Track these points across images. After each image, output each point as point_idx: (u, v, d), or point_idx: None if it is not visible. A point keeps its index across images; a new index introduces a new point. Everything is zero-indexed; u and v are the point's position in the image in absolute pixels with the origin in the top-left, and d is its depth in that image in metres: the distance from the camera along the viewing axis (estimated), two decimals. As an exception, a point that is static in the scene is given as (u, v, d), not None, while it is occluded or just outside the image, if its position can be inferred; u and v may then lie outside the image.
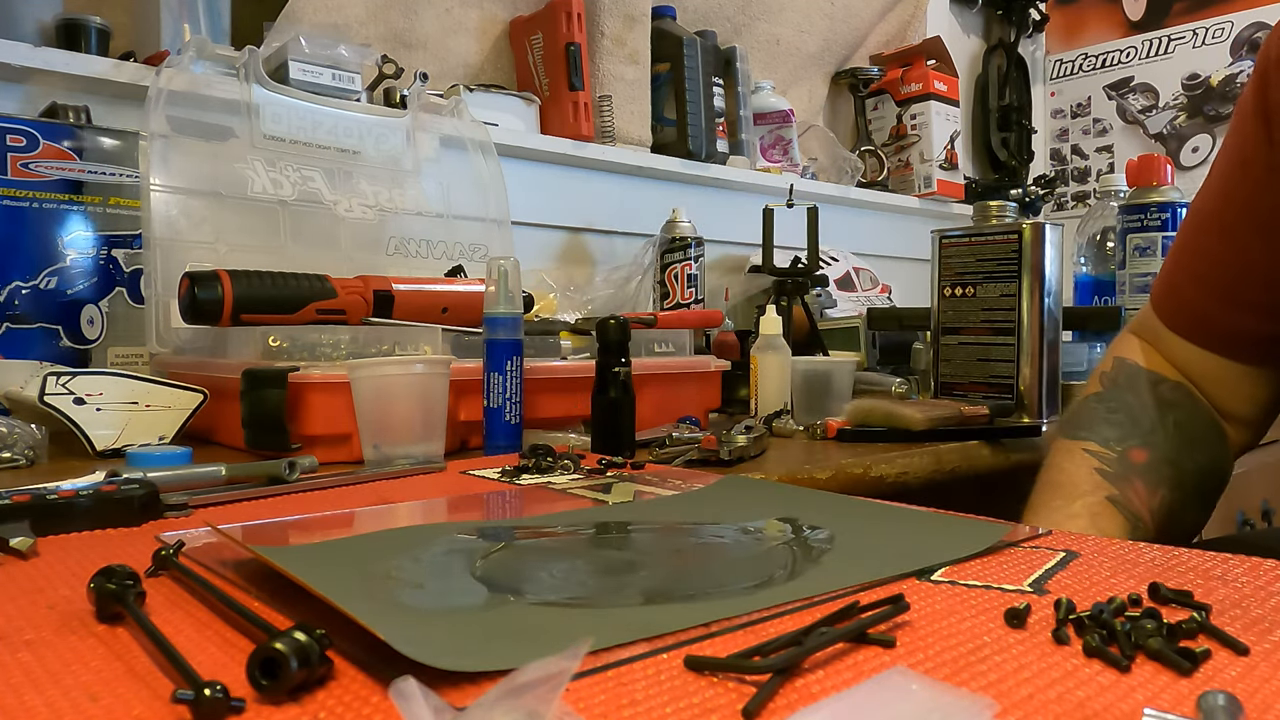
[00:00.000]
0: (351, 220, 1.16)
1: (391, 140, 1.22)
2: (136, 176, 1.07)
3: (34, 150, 1.02)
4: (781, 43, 2.08)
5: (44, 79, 1.15)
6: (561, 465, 0.66)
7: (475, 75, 1.64)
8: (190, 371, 0.89)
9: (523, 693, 0.20)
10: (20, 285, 1.02)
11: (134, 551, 0.41)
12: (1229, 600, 0.32)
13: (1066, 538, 0.42)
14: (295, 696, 0.24)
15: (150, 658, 0.27)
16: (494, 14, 1.66)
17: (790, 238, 1.52)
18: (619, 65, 1.65)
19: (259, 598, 0.33)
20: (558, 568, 0.36)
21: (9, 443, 0.72)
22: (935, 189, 2.18)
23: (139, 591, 0.31)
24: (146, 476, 0.52)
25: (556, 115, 1.60)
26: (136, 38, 1.28)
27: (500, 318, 0.81)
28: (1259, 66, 0.67)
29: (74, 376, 0.77)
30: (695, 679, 0.25)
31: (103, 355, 1.06)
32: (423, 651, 0.25)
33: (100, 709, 0.23)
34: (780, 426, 1.00)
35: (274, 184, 1.10)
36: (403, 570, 0.35)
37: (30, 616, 0.31)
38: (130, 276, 1.08)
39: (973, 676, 0.25)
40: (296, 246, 1.10)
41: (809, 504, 0.49)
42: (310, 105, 1.15)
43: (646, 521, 0.46)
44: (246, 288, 0.84)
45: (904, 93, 2.19)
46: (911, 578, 0.35)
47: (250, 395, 0.74)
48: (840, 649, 0.27)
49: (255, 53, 1.10)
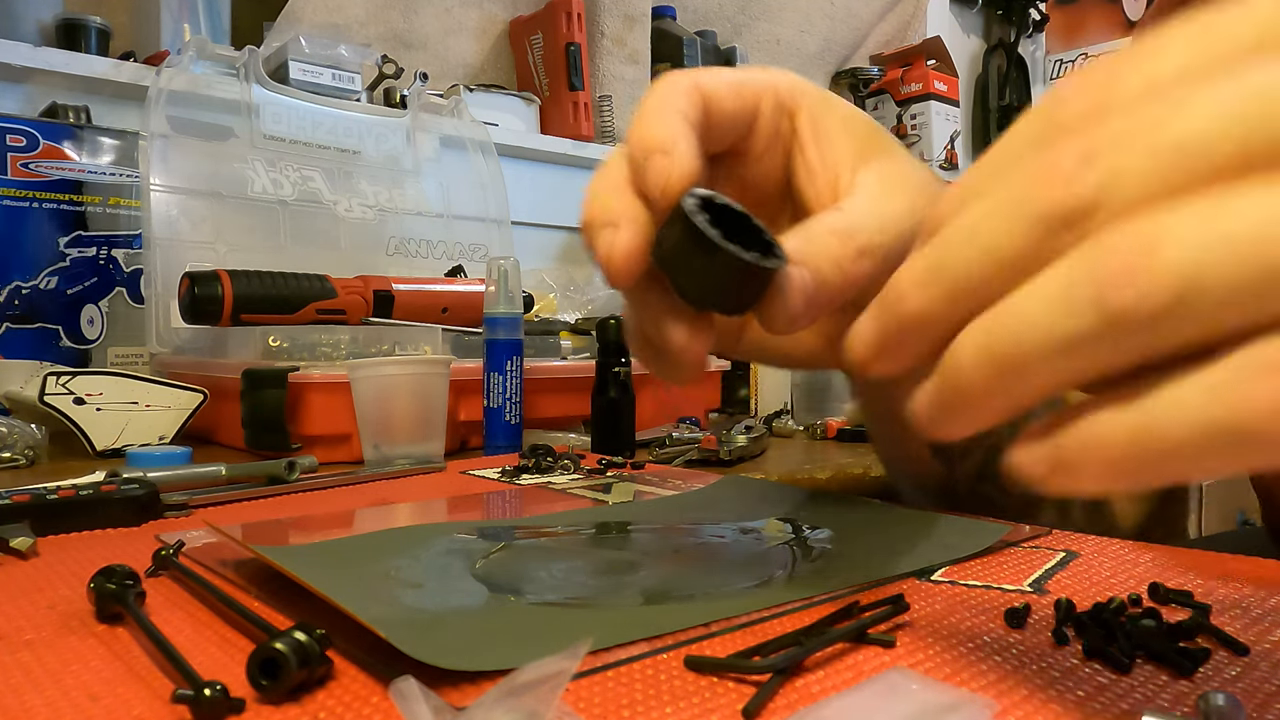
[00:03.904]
0: (351, 220, 1.16)
1: (391, 140, 1.22)
2: (136, 176, 1.07)
3: (34, 150, 1.02)
4: (781, 43, 2.08)
5: (44, 79, 1.15)
6: (561, 465, 0.66)
7: (475, 75, 1.64)
8: (190, 371, 0.89)
9: (523, 693, 0.20)
10: (20, 285, 1.02)
11: (134, 551, 0.41)
12: (1229, 600, 0.32)
13: (1066, 538, 0.42)
14: (295, 696, 0.24)
15: (150, 658, 0.27)
16: (494, 14, 1.66)
17: (790, 238, 1.52)
18: (619, 65, 1.65)
19: (259, 598, 0.33)
20: (558, 568, 0.36)
21: (9, 443, 0.72)
22: (935, 189, 2.18)
23: (139, 591, 0.31)
24: (146, 476, 0.52)
25: (556, 115, 1.60)
26: (136, 38, 1.28)
27: (500, 318, 0.81)
28: None
29: (74, 376, 0.77)
30: (695, 679, 0.25)
31: (103, 355, 1.06)
32: (423, 650, 0.25)
33: (100, 709, 0.23)
34: (780, 426, 1.00)
35: (274, 184, 1.10)
36: (402, 570, 0.35)
37: (30, 616, 0.31)
38: (130, 276, 1.08)
39: (973, 676, 0.25)
40: (296, 246, 1.10)
41: (809, 504, 0.49)
42: (310, 105, 1.15)
43: (646, 521, 0.46)
44: (246, 287, 0.84)
45: (904, 93, 2.19)
46: (911, 578, 0.35)
47: (250, 395, 0.74)
48: (840, 649, 0.27)
49: (255, 53, 1.10)
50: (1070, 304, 0.17)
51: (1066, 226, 0.17)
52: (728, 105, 0.34)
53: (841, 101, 0.38)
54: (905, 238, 0.34)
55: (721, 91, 0.34)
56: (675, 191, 0.30)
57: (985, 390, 0.19)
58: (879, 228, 0.33)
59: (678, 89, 0.33)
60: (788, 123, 0.37)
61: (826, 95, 0.37)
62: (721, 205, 0.30)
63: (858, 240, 0.33)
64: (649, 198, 0.30)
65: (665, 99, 0.33)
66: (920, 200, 0.36)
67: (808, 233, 0.33)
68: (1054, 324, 0.17)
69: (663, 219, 0.31)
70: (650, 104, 0.32)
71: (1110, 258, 0.16)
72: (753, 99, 0.35)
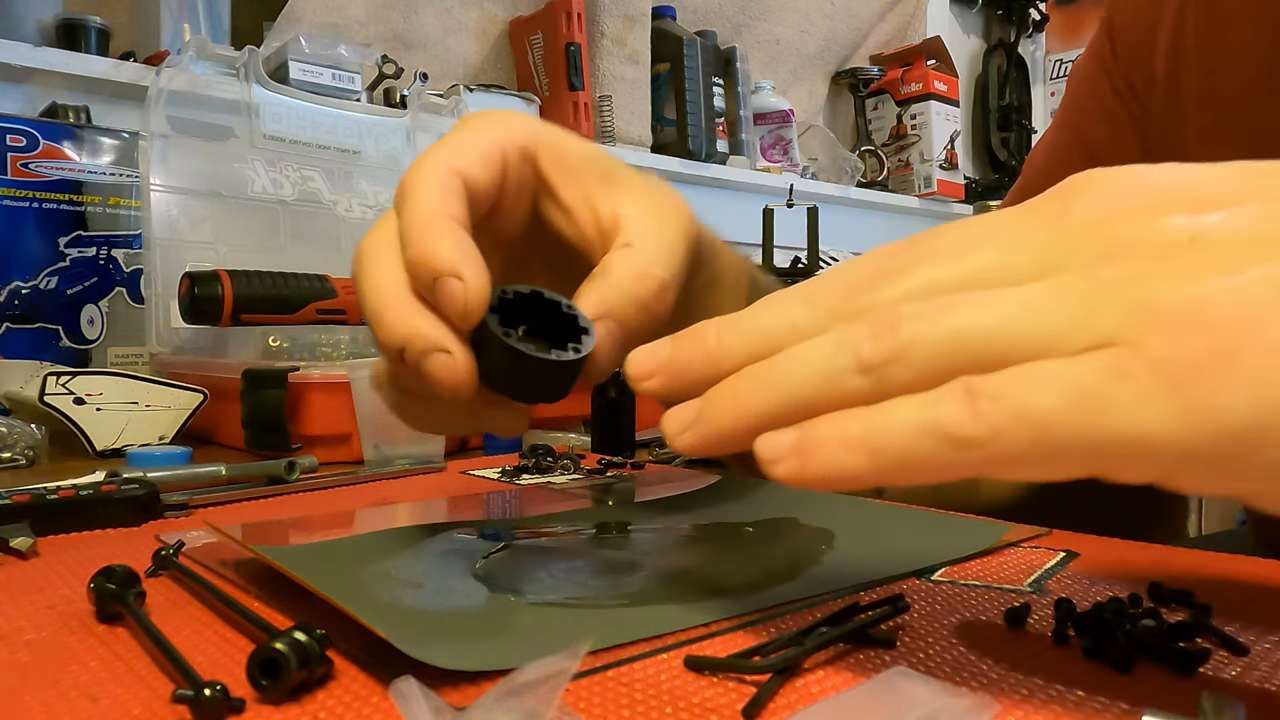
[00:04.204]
0: (352, 220, 1.16)
1: (391, 140, 1.22)
2: (136, 176, 1.07)
3: (34, 150, 1.02)
4: (781, 43, 2.08)
5: (44, 79, 1.15)
6: (561, 465, 0.66)
7: (475, 75, 1.64)
8: (190, 371, 0.89)
9: (523, 693, 0.20)
10: (20, 285, 1.02)
11: (134, 551, 0.41)
12: (1229, 600, 0.32)
13: (1066, 537, 0.42)
14: (295, 696, 0.24)
15: (150, 658, 0.27)
16: (494, 14, 1.66)
17: (790, 238, 1.52)
18: (619, 65, 1.65)
19: (259, 598, 0.33)
20: (558, 568, 0.36)
21: (9, 443, 0.72)
22: (935, 189, 2.18)
23: (139, 591, 0.31)
24: (146, 476, 0.52)
25: (556, 115, 1.60)
26: (136, 38, 1.28)
27: (500, 318, 0.81)
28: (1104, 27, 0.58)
29: (74, 376, 0.77)
30: (695, 679, 0.25)
31: (103, 355, 1.06)
32: (422, 650, 0.25)
33: (100, 709, 0.23)
34: (780, 426, 1.00)
35: (274, 184, 1.10)
36: (402, 570, 0.35)
37: (30, 616, 0.31)
38: (130, 276, 1.08)
39: (973, 676, 0.25)
40: (296, 246, 1.10)
41: (809, 504, 0.49)
42: (310, 105, 1.15)
43: (646, 521, 0.46)
44: (246, 287, 0.84)
45: (904, 93, 2.19)
46: (911, 578, 0.35)
47: (250, 395, 0.74)
48: (840, 649, 0.27)
49: (255, 53, 1.10)
50: (837, 347, 0.23)
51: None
52: (483, 181, 0.34)
53: (573, 136, 0.38)
54: (686, 259, 0.36)
55: (475, 171, 0.34)
56: (476, 315, 0.30)
57: (753, 417, 0.24)
58: (668, 259, 0.34)
59: (440, 186, 0.33)
60: (530, 170, 0.36)
61: (559, 134, 0.37)
62: (513, 296, 0.32)
63: (657, 277, 0.33)
64: (447, 318, 0.31)
65: (432, 203, 0.32)
66: (683, 215, 0.36)
67: (609, 281, 0.33)
68: (821, 360, 0.23)
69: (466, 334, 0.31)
70: (418, 210, 0.32)
71: (862, 327, 0.23)
72: (500, 161, 0.35)
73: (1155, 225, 0.21)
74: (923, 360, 0.21)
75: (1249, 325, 0.19)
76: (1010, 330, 0.21)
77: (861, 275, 0.24)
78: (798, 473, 0.23)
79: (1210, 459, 0.19)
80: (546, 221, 0.37)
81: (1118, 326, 0.20)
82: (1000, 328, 0.21)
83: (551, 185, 0.36)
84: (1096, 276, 0.21)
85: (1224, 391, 0.18)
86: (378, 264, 0.32)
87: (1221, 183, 0.21)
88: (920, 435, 0.21)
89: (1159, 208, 0.21)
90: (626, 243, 0.34)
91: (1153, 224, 0.21)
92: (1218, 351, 0.19)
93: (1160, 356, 0.19)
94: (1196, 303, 0.19)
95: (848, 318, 0.23)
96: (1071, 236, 0.22)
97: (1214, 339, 0.19)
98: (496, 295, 0.31)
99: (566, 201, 0.36)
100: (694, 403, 0.25)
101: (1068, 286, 0.21)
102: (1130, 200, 0.22)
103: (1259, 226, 0.20)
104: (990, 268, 0.22)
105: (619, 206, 0.36)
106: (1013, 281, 0.22)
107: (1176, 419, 0.19)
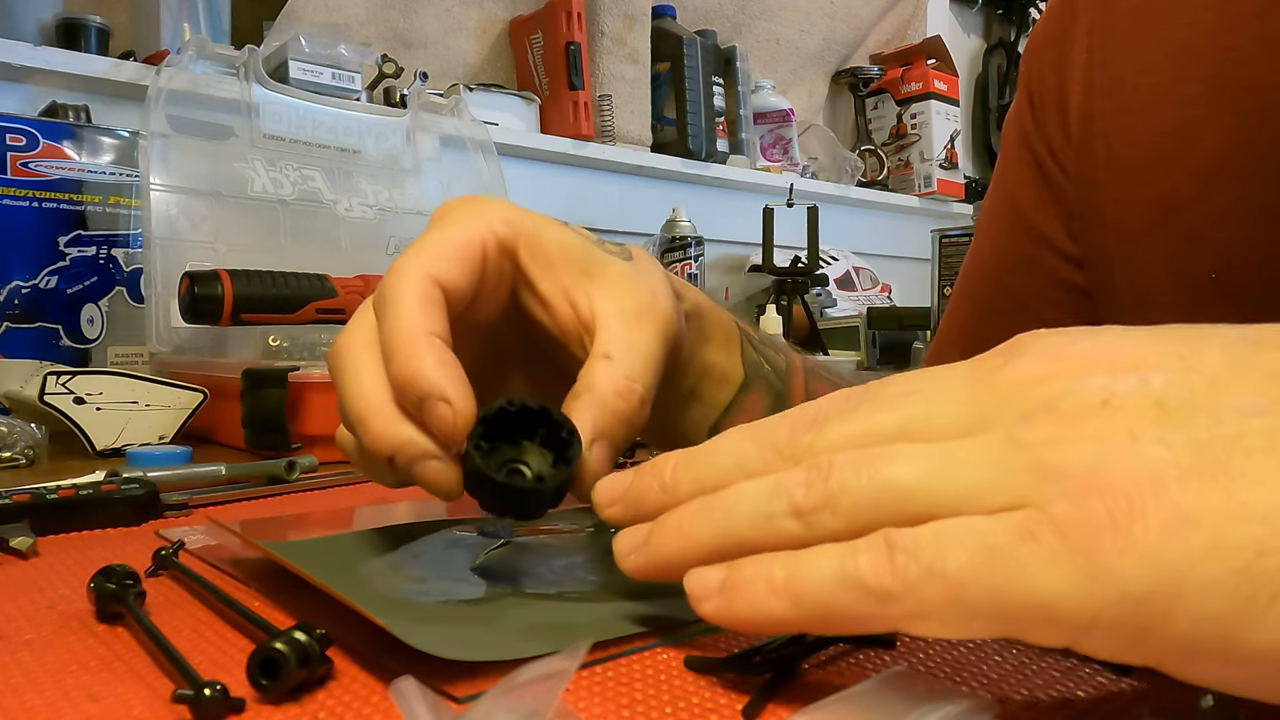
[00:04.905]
0: (351, 220, 1.16)
1: (391, 140, 1.22)
2: (136, 176, 1.07)
3: (34, 150, 1.02)
4: (781, 42, 2.08)
5: (44, 78, 1.15)
6: (561, 465, 0.66)
7: (475, 75, 1.64)
8: (190, 371, 0.89)
9: (523, 692, 0.20)
10: (20, 285, 1.02)
11: (134, 551, 0.41)
12: (1229, 600, 0.32)
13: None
14: (295, 696, 0.24)
15: (150, 657, 0.27)
16: (494, 13, 1.66)
17: (790, 237, 1.52)
18: (619, 64, 1.65)
19: (259, 597, 0.33)
20: (558, 563, 0.37)
21: (9, 443, 0.72)
22: (935, 188, 2.18)
23: (139, 591, 0.31)
24: (146, 476, 0.52)
25: (556, 115, 1.60)
26: (136, 37, 1.28)
27: (500, 317, 0.81)
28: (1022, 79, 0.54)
29: (74, 376, 0.77)
30: (695, 679, 0.25)
31: (103, 355, 1.06)
32: (424, 641, 0.25)
33: (100, 709, 0.23)
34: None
35: (274, 183, 1.10)
36: (403, 565, 0.35)
37: (30, 616, 0.31)
38: (130, 276, 1.08)
39: (973, 676, 0.25)
40: (296, 246, 1.10)
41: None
42: (310, 105, 1.15)
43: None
44: (246, 287, 0.84)
45: (904, 92, 2.19)
46: (911, 577, 0.35)
47: (250, 395, 0.74)
48: (840, 649, 0.27)
49: (255, 52, 1.10)
50: (775, 489, 0.23)
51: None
52: (463, 284, 0.34)
53: (552, 225, 0.38)
54: (663, 364, 0.36)
55: (454, 275, 0.33)
56: (462, 436, 0.30)
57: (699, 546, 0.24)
58: (644, 371, 0.34)
59: (421, 297, 0.32)
60: (509, 263, 0.36)
61: (538, 224, 0.37)
62: (497, 413, 0.31)
63: (637, 390, 0.34)
64: (434, 437, 0.31)
65: (414, 319, 0.32)
66: (661, 313, 0.36)
67: (596, 399, 0.33)
68: (758, 500, 0.24)
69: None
70: (400, 326, 0.32)
71: (799, 472, 0.23)
72: (479, 258, 0.35)
73: (1074, 387, 0.21)
74: (849, 509, 0.22)
75: (1145, 490, 0.18)
76: (932, 485, 0.21)
77: (809, 416, 0.25)
78: (721, 612, 0.23)
79: (1115, 627, 0.18)
80: (525, 310, 0.38)
81: (1029, 488, 0.20)
82: (923, 482, 0.21)
83: (530, 278, 0.36)
84: (1015, 437, 0.21)
85: (1123, 558, 0.18)
86: (360, 370, 0.32)
87: (1141, 348, 0.21)
88: (840, 585, 0.21)
89: (1082, 370, 0.21)
90: (606, 353, 0.34)
91: (1072, 385, 0.21)
92: (1117, 515, 0.18)
93: (1064, 519, 0.19)
94: (1099, 465, 0.19)
95: (791, 459, 0.24)
96: (1000, 395, 0.22)
97: (1113, 503, 0.19)
98: (483, 420, 0.31)
99: (545, 294, 0.36)
100: (645, 526, 0.26)
101: (988, 445, 0.21)
102: (1058, 363, 0.22)
103: (1167, 392, 0.20)
104: (923, 418, 0.23)
105: (596, 304, 0.36)
106: (942, 435, 0.22)
107: (1079, 584, 0.18)
